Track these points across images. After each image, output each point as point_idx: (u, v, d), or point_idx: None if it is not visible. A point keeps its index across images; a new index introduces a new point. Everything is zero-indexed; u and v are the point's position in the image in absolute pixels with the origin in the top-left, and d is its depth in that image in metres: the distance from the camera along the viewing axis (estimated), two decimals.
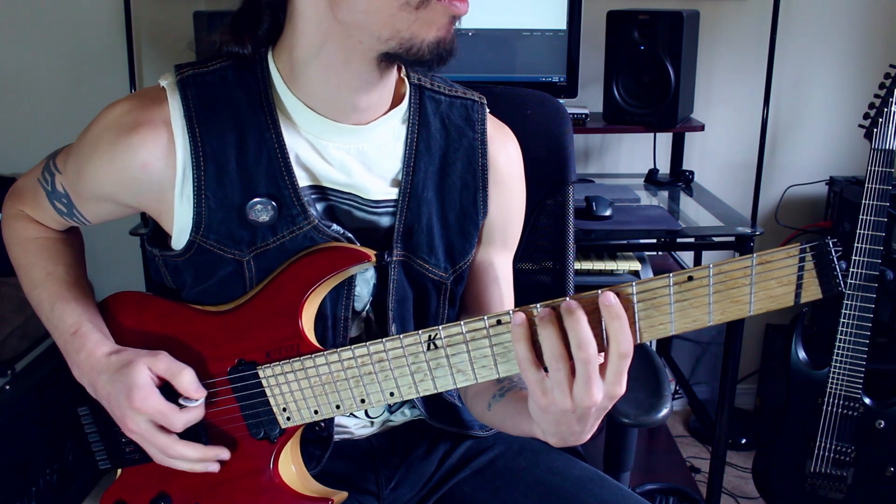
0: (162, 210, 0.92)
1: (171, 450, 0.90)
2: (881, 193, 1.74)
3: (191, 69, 0.91)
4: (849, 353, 1.79)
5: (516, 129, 1.05)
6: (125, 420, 0.90)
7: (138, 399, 0.88)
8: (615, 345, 0.72)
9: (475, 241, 1.01)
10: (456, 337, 0.80)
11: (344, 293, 0.95)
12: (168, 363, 0.90)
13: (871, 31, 2.37)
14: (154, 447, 0.91)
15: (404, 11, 0.80)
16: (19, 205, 1.04)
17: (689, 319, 0.73)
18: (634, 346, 0.73)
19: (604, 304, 0.72)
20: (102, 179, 0.91)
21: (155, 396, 0.89)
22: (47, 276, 1.00)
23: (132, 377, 0.89)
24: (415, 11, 0.80)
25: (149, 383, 0.89)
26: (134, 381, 0.88)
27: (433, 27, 0.81)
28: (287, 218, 0.90)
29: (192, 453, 0.91)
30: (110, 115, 0.90)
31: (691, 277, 0.71)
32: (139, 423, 0.89)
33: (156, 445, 0.91)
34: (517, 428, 0.89)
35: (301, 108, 0.90)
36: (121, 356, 0.92)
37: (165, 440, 0.90)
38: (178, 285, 0.98)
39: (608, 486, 1.03)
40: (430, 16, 0.81)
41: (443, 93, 0.99)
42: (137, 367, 0.89)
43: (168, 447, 0.90)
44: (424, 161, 0.96)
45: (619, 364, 0.73)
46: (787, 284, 0.70)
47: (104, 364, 0.92)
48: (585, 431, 0.79)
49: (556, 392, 0.74)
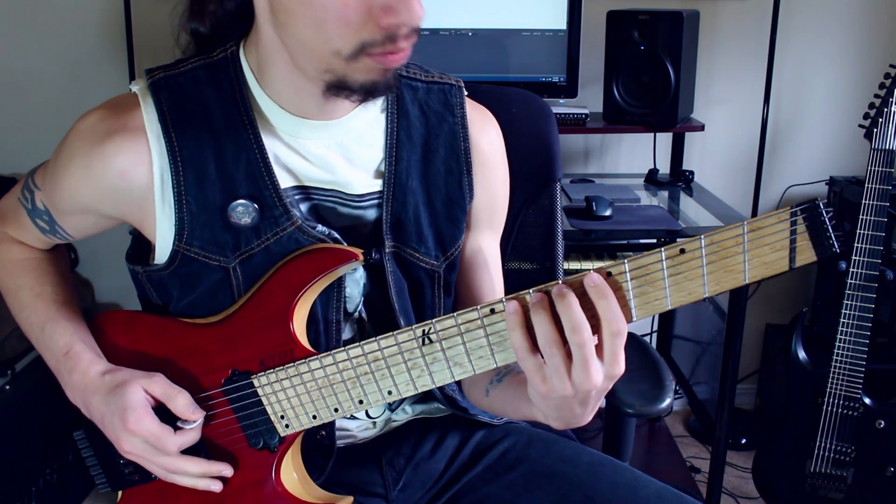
0: (144, 218, 0.91)
1: (172, 466, 0.89)
2: (881, 193, 1.74)
3: (161, 72, 0.90)
4: (849, 353, 1.79)
5: (501, 127, 1.05)
6: (120, 442, 0.89)
7: (132, 421, 0.86)
8: (606, 324, 0.71)
9: (464, 226, 1.01)
10: (450, 329, 0.79)
11: (334, 295, 0.94)
12: (164, 386, 0.89)
13: (871, 30, 2.37)
14: (154, 465, 0.90)
15: (336, 58, 0.80)
16: (2, 226, 1.03)
17: (684, 293, 0.72)
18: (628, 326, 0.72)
19: (589, 284, 0.71)
20: (80, 191, 0.90)
21: (149, 418, 0.87)
22: (36, 297, 0.99)
23: (126, 398, 0.87)
24: (345, 61, 0.80)
25: (143, 404, 0.88)
26: (128, 402, 0.87)
27: (366, 73, 0.81)
28: (270, 219, 0.89)
29: (195, 468, 0.90)
30: (83, 124, 0.89)
31: (683, 250, 0.71)
32: (135, 445, 0.88)
33: (156, 464, 0.90)
34: (518, 412, 0.88)
35: (273, 106, 0.89)
36: (115, 376, 0.90)
37: (164, 459, 0.89)
38: (164, 300, 0.96)
39: (619, 469, 1.03)
40: (361, 66, 0.80)
41: (419, 79, 0.98)
42: (132, 387, 0.88)
43: (169, 464, 0.89)
44: (406, 150, 0.95)
45: (613, 343, 0.72)
46: (780, 250, 0.69)
47: (97, 384, 0.90)
48: (587, 413, 0.79)
49: (555, 378, 0.73)
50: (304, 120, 0.90)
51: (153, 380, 0.89)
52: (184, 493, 0.93)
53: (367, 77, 0.81)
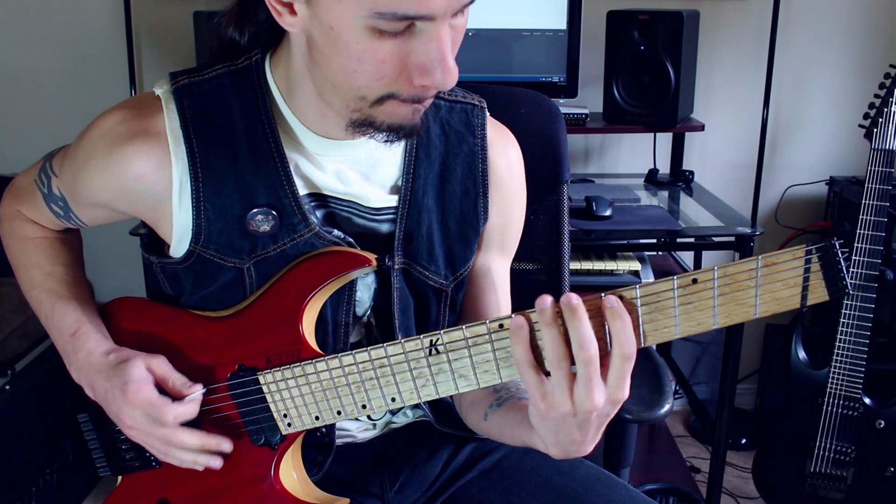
0: (159, 219, 0.92)
1: (171, 438, 0.89)
2: (881, 193, 1.74)
3: (186, 77, 0.90)
4: (849, 353, 1.79)
5: (510, 128, 1.04)
6: (121, 416, 0.89)
7: (132, 391, 0.87)
8: (618, 346, 0.71)
9: (475, 247, 1.00)
10: (458, 342, 0.79)
11: (345, 298, 0.94)
12: (164, 367, 0.90)
13: (871, 31, 2.37)
14: (154, 439, 0.90)
15: (362, 101, 0.80)
16: (16, 205, 1.03)
17: (693, 323, 0.72)
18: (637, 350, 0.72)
19: (606, 305, 0.71)
20: (98, 188, 0.90)
21: (148, 388, 0.88)
22: (47, 276, 0.99)
23: (128, 372, 0.88)
24: (369, 105, 0.81)
25: (144, 376, 0.88)
26: (129, 375, 0.88)
27: (391, 116, 0.82)
28: (288, 226, 0.89)
29: (193, 440, 0.89)
30: (105, 123, 0.89)
31: (695, 280, 0.70)
32: (135, 418, 0.88)
33: (155, 436, 0.89)
34: (516, 438, 0.87)
35: (296, 122, 0.90)
36: (119, 354, 0.91)
37: (163, 430, 0.89)
38: (177, 292, 0.97)
39: (615, 485, 1.03)
40: (387, 108, 0.81)
41: (442, 98, 0.98)
42: (134, 362, 0.89)
43: (168, 436, 0.89)
44: (424, 168, 0.95)
45: (622, 367, 0.71)
46: (792, 287, 0.68)
47: (102, 363, 0.91)
48: (588, 441, 0.77)
49: (557, 394, 0.73)
50: (326, 139, 0.90)
51: (155, 359, 0.90)
52: (182, 480, 0.94)
53: (393, 119, 0.82)
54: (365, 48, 0.76)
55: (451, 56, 0.77)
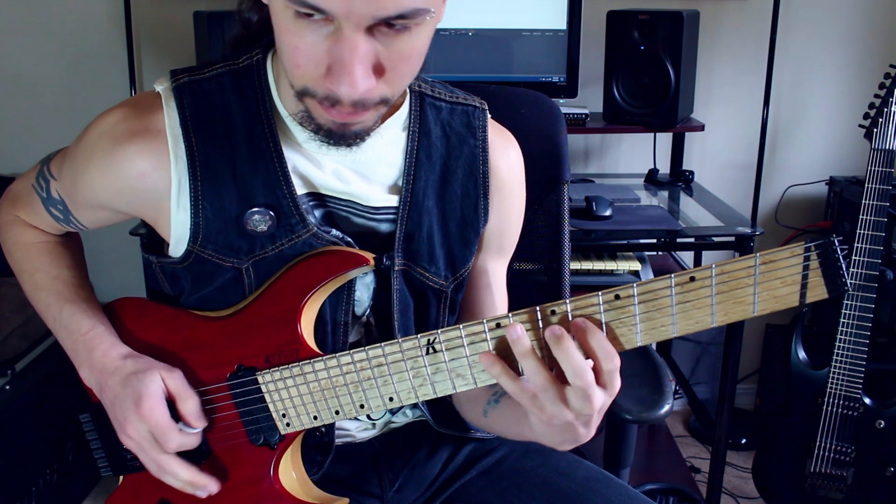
0: (158, 218, 0.92)
1: (165, 465, 0.90)
2: (881, 193, 1.74)
3: (187, 75, 0.89)
4: (849, 353, 1.79)
5: (510, 128, 1.04)
6: (125, 425, 0.89)
7: (146, 408, 0.87)
8: (602, 363, 0.73)
9: (475, 248, 1.00)
10: (455, 341, 0.79)
11: (344, 298, 0.94)
12: (180, 385, 0.90)
13: (871, 31, 2.37)
14: (149, 459, 0.90)
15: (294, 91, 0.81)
16: (15, 210, 1.03)
17: (691, 321, 0.72)
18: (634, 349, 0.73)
19: (578, 327, 0.73)
20: (98, 188, 0.90)
21: (161, 409, 0.88)
22: (53, 279, 0.99)
23: (145, 384, 0.88)
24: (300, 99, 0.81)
25: (160, 395, 0.88)
26: (146, 388, 0.88)
27: (319, 117, 0.82)
28: (286, 227, 0.89)
29: (184, 474, 0.90)
30: (104, 123, 0.89)
31: (693, 278, 0.70)
32: (140, 432, 0.88)
33: (151, 458, 0.90)
34: (519, 434, 0.88)
35: (293, 123, 0.89)
36: (137, 362, 0.91)
37: (160, 456, 0.89)
38: (176, 292, 0.97)
39: (614, 485, 1.03)
40: (311, 106, 0.81)
41: (444, 99, 0.98)
42: (152, 375, 0.89)
43: (162, 462, 0.89)
44: (425, 170, 0.95)
45: (612, 372, 0.74)
46: (791, 284, 0.68)
47: (118, 365, 0.91)
48: (589, 433, 0.80)
49: (554, 408, 0.75)
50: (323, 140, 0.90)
51: (172, 374, 0.90)
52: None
53: (320, 120, 0.82)
54: (287, 28, 0.76)
55: (360, 68, 0.74)
